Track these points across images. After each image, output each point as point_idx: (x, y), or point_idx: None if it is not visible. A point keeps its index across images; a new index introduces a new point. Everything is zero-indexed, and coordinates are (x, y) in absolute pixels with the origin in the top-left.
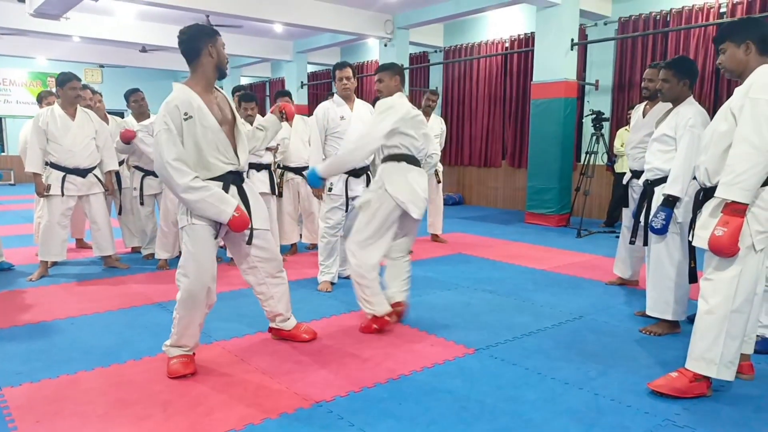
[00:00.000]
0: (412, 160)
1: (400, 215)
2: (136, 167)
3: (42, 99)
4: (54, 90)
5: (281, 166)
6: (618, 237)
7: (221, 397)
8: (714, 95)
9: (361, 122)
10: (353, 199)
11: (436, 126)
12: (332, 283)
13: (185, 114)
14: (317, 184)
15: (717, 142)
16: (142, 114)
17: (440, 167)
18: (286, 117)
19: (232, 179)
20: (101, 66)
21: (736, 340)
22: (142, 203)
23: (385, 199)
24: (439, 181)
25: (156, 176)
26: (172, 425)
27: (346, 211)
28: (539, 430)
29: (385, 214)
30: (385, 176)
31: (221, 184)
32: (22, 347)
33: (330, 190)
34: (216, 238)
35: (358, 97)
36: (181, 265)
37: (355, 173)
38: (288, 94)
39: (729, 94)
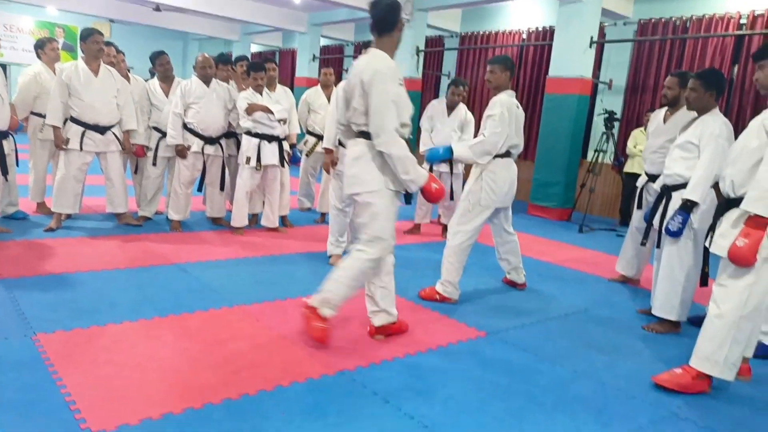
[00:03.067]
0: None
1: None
2: (155, 128)
3: (44, 44)
4: (59, 39)
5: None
6: (619, 236)
7: (247, 357)
8: (726, 105)
9: None
10: None
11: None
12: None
13: (400, 80)
14: (437, 158)
15: (747, 156)
16: (167, 77)
17: None
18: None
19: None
20: (111, 21)
21: (741, 345)
22: (154, 164)
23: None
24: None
25: None
26: (204, 380)
27: None
28: (551, 413)
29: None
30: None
31: None
32: (49, 296)
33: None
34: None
35: None
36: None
37: None
38: (246, 59)
39: (740, 106)
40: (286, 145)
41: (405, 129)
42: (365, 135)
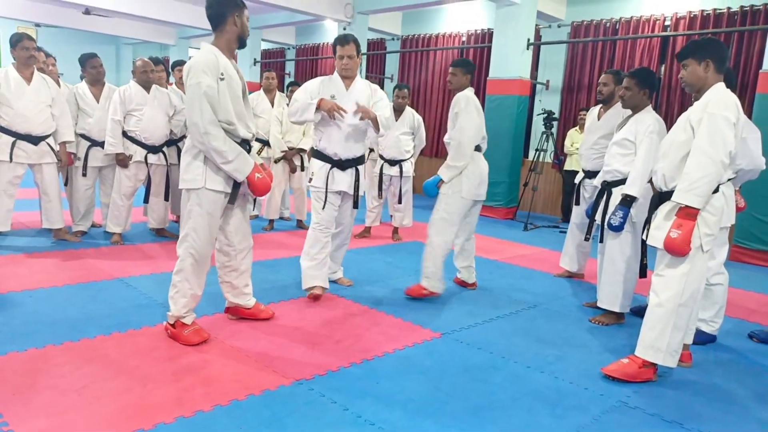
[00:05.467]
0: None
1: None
2: (82, 135)
3: None
4: None
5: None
6: (562, 232)
7: (201, 373)
8: (655, 103)
9: (355, 105)
10: (339, 193)
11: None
12: (324, 288)
13: (221, 75)
14: (434, 192)
15: (675, 150)
16: (98, 81)
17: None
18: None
19: (246, 148)
20: (37, 25)
21: (681, 331)
22: (84, 174)
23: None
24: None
25: (103, 147)
26: (156, 399)
27: (323, 208)
28: (508, 410)
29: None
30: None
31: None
32: None
33: (310, 180)
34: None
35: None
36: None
37: (340, 165)
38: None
39: (668, 103)
40: None
41: (229, 126)
42: None
